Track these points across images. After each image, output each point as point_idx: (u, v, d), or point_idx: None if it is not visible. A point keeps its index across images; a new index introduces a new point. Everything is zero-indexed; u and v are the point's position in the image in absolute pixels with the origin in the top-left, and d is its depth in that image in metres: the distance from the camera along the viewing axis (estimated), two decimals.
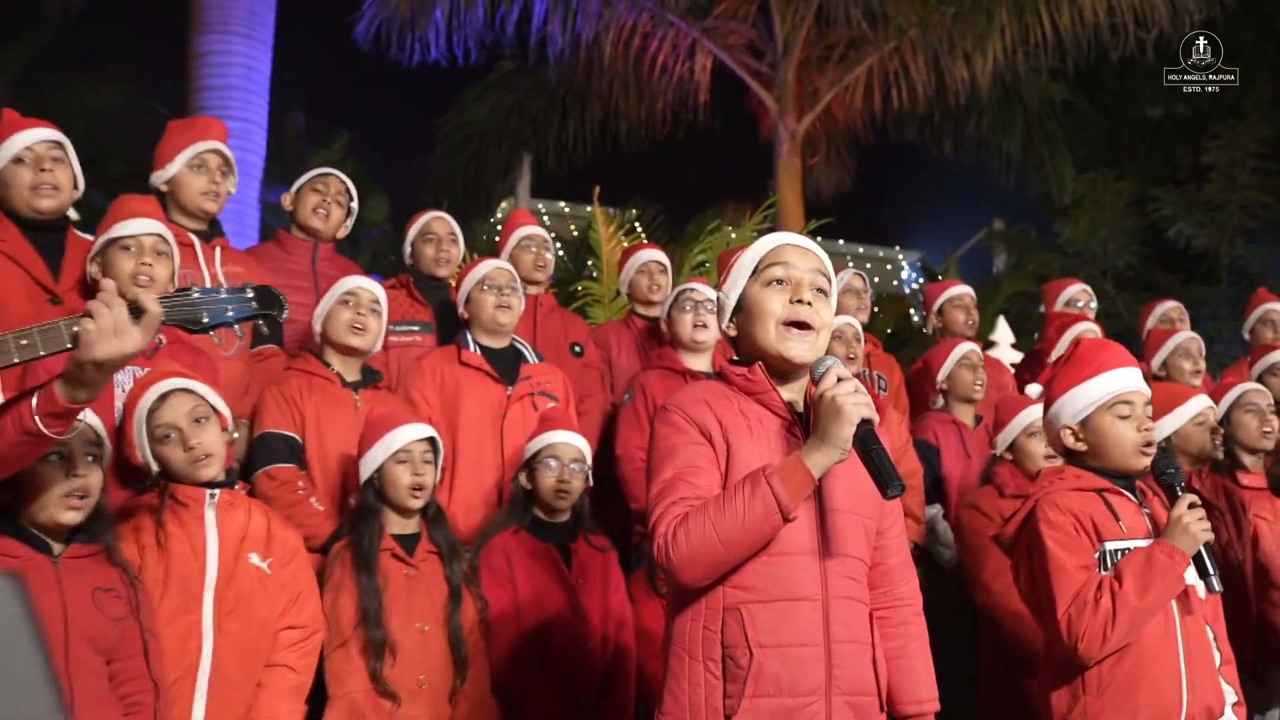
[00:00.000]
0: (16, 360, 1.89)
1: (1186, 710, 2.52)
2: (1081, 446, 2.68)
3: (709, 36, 9.99)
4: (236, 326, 2.11)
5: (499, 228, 11.99)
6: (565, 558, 3.37)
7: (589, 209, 16.49)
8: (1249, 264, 11.64)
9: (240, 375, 3.45)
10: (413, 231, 4.33)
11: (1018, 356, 7.22)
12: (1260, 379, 4.62)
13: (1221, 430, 3.79)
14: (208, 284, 3.43)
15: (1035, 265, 12.21)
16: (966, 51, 9.75)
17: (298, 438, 3.38)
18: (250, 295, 2.11)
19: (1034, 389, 2.98)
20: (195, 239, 3.51)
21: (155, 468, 2.76)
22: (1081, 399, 2.65)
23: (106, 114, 10.71)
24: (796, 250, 2.14)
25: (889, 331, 10.99)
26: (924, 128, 11.26)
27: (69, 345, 1.91)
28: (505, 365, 3.81)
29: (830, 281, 2.16)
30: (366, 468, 3.10)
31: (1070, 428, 2.69)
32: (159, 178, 3.63)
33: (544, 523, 3.40)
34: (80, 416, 2.32)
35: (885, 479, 1.92)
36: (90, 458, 2.45)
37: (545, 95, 11.07)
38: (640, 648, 3.39)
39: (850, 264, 19.21)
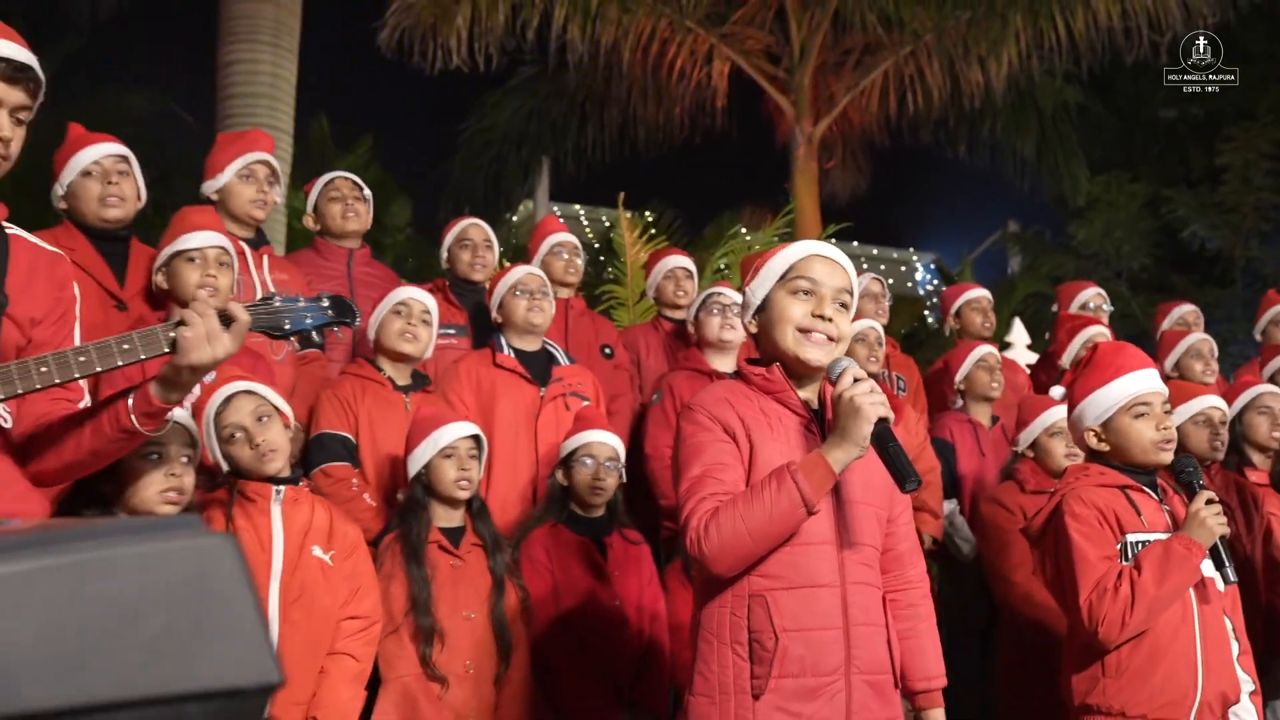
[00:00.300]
0: (119, 363, 2.04)
1: (1201, 695, 2.65)
2: (1104, 447, 2.82)
3: (726, 42, 10.12)
4: (315, 333, 2.26)
5: (516, 231, 12.18)
6: (601, 551, 3.51)
7: (604, 213, 16.61)
8: (1263, 265, 11.73)
9: (289, 379, 3.60)
10: (449, 237, 4.48)
11: (1033, 357, 7.32)
12: (1272, 379, 4.73)
13: (1223, 429, 3.91)
14: (257, 290, 3.59)
15: (1050, 267, 12.32)
16: (981, 56, 9.85)
17: (352, 438, 3.54)
18: (326, 304, 2.26)
19: (1057, 391, 3.11)
20: (245, 246, 3.66)
21: (225, 466, 2.92)
22: (1102, 403, 2.79)
23: (134, 119, 10.88)
24: (825, 264, 2.26)
25: (904, 333, 11.11)
26: (939, 131, 11.38)
27: (166, 350, 2.06)
28: (538, 367, 3.96)
29: (852, 295, 2.28)
30: (414, 464, 3.25)
31: (1093, 430, 2.83)
32: (210, 187, 3.80)
33: (580, 517, 3.55)
34: (179, 420, 2.47)
35: (903, 474, 2.04)
36: (185, 459, 2.61)
37: (565, 100, 11.23)
38: (673, 636, 3.53)
39: (865, 266, 19.31)
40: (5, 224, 2.22)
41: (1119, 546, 2.69)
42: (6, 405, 2.15)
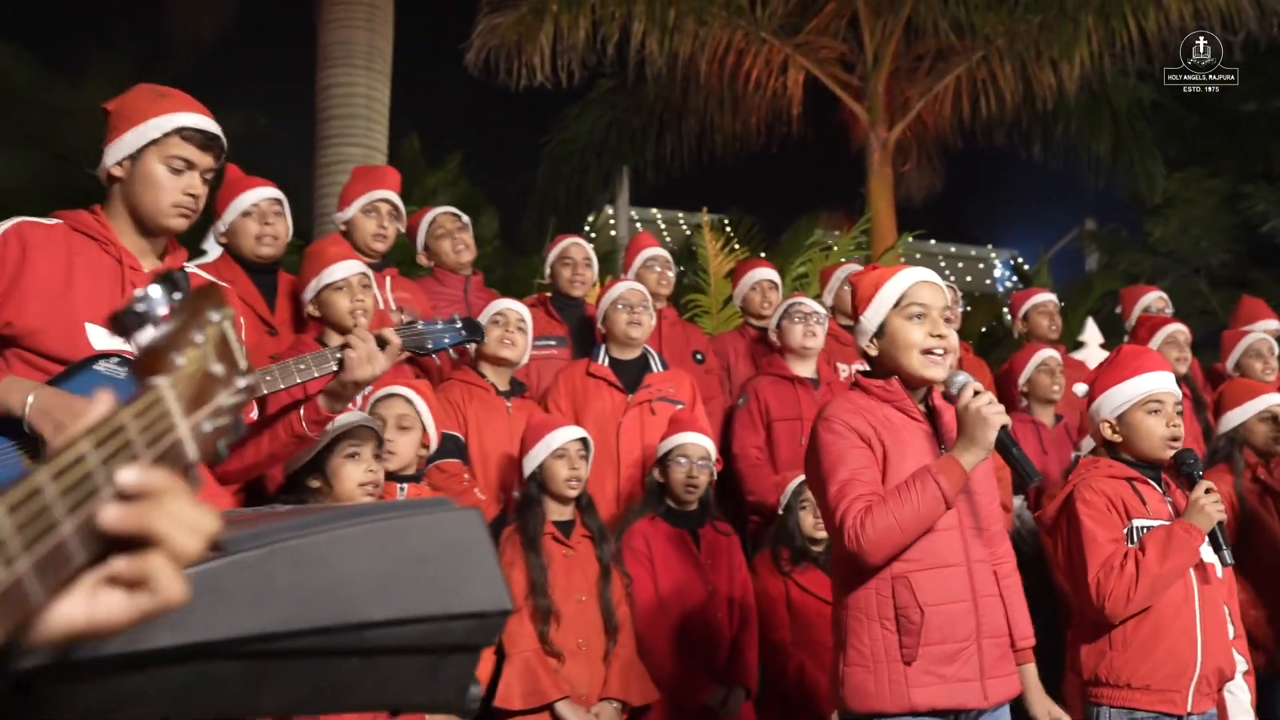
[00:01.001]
0: (298, 380, 2.44)
1: (1200, 669, 2.89)
2: (1117, 438, 3.07)
3: (801, 52, 10.41)
4: (451, 350, 2.65)
5: (594, 235, 12.53)
6: (695, 540, 3.86)
7: (681, 216, 16.87)
8: None
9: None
10: (552, 255, 4.84)
11: (1105, 356, 7.47)
12: None
13: None
14: (386, 308, 3.99)
15: (1127, 264, 12.38)
16: (1053, 58, 10.00)
17: (461, 436, 3.92)
18: (459, 325, 2.65)
19: (1080, 387, 3.36)
20: (370, 269, 4.06)
21: None
22: (1119, 397, 3.03)
23: (231, 139, 11.44)
24: (930, 288, 2.63)
25: (983, 331, 11.25)
26: (1013, 132, 11.51)
27: (334, 368, 2.45)
28: (631, 374, 4.31)
29: (951, 309, 2.63)
30: (529, 464, 3.62)
31: (1109, 421, 3.06)
32: (339, 217, 4.22)
33: (675, 511, 3.89)
34: (370, 424, 2.92)
35: (1026, 473, 2.45)
36: (378, 457, 3.04)
37: (643, 111, 11.57)
38: (761, 618, 3.88)
39: (943, 264, 19.25)
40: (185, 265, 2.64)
41: (1125, 531, 2.94)
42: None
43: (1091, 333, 7.12)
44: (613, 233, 13.80)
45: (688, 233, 15.66)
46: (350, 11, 9.39)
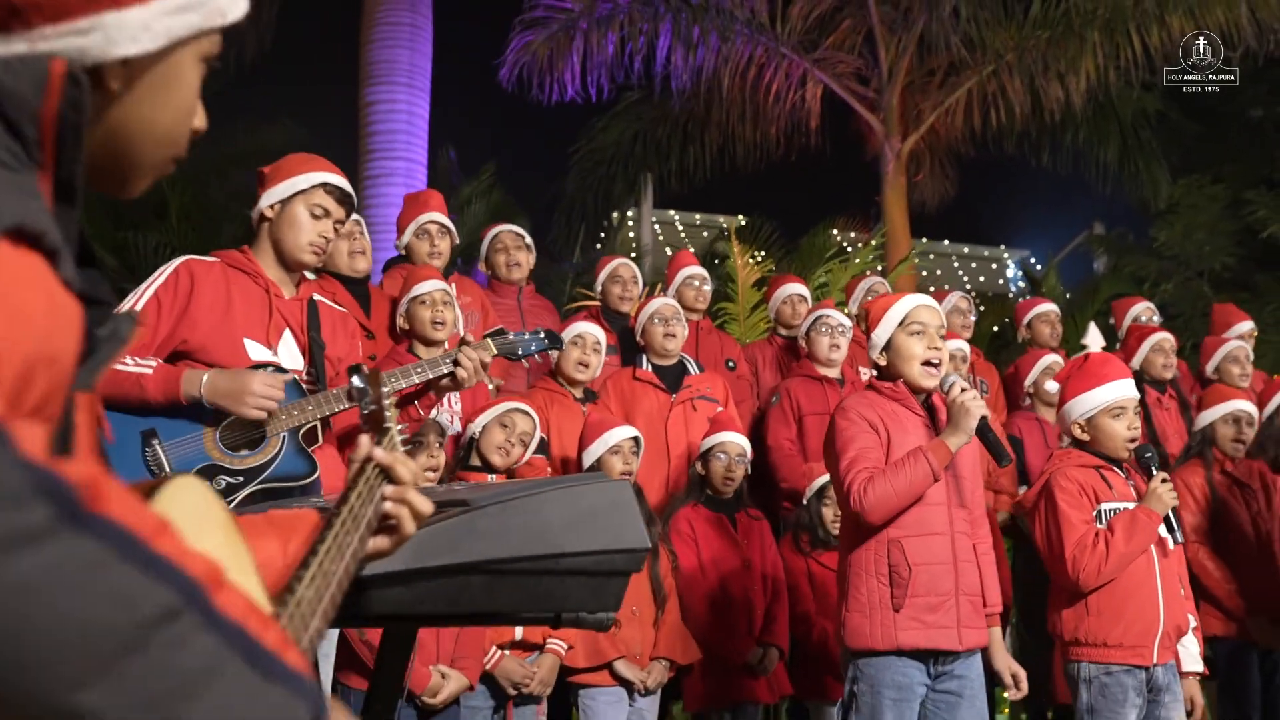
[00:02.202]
0: (416, 380, 3.01)
1: (1163, 626, 3.44)
2: (1085, 437, 3.60)
3: (819, 66, 10.89)
4: (536, 355, 3.23)
5: (611, 236, 12.98)
6: (732, 524, 4.40)
7: (699, 218, 17.28)
8: None
9: None
10: (603, 274, 5.41)
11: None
12: None
13: (1249, 428, 4.63)
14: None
15: (1133, 268, 12.79)
16: (1060, 72, 10.42)
17: (545, 436, 4.46)
18: (543, 335, 3.21)
19: (1052, 385, 3.87)
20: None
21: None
22: (1088, 402, 3.56)
23: (274, 153, 11.95)
24: (928, 309, 3.25)
25: (995, 330, 11.69)
26: (1022, 142, 11.87)
27: (446, 373, 3.04)
28: (672, 377, 4.88)
29: (944, 324, 3.25)
30: (589, 458, 4.15)
31: (1078, 423, 3.59)
32: (399, 243, 4.78)
33: (715, 499, 4.44)
34: (434, 418, 3.47)
35: (999, 454, 3.10)
36: (439, 445, 3.60)
37: (668, 123, 12.00)
38: (788, 592, 4.44)
39: (956, 265, 19.53)
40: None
41: (1095, 512, 3.49)
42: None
43: (1094, 336, 7.58)
44: (631, 234, 14.34)
45: (705, 234, 16.18)
46: (394, 32, 9.94)
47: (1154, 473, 3.52)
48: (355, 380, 1.46)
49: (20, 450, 0.70)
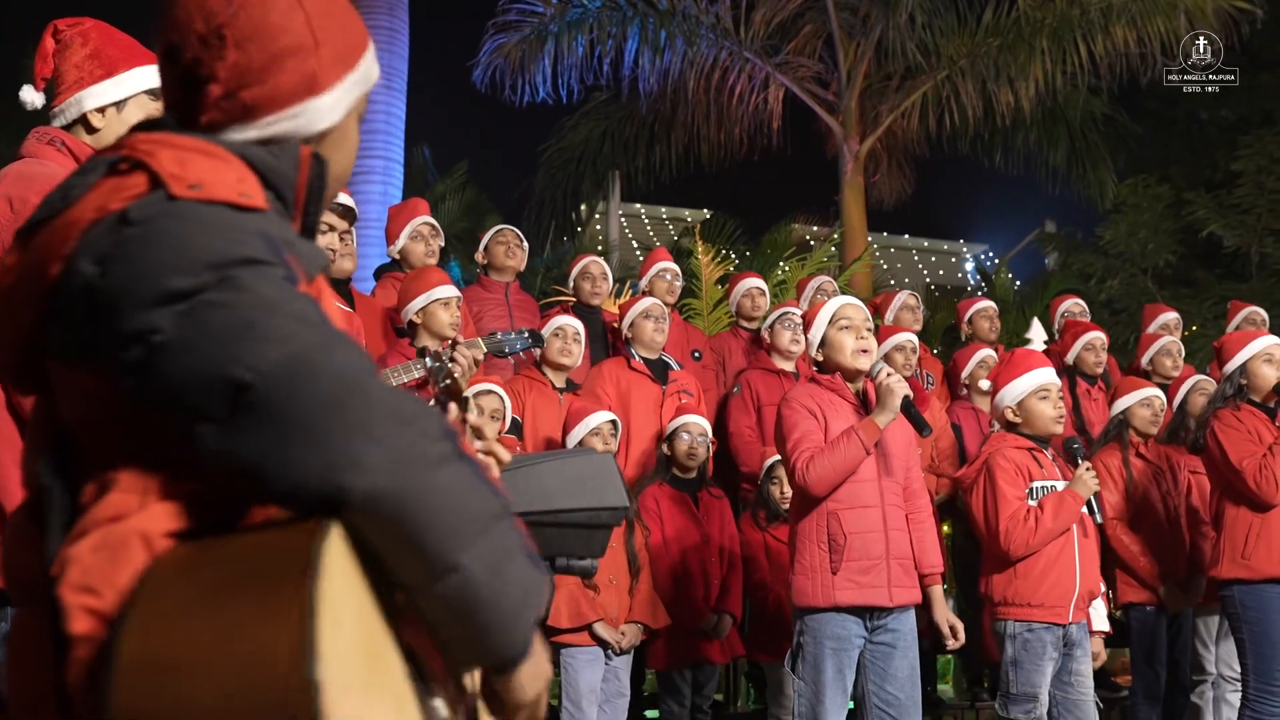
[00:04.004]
0: (416, 375, 3.40)
1: (1078, 590, 3.99)
2: (1017, 420, 4.11)
3: (781, 70, 11.32)
4: (521, 352, 3.64)
5: (579, 231, 13.36)
6: (695, 502, 4.86)
7: (664, 212, 17.64)
8: (1276, 261, 12.69)
9: None
10: (575, 271, 5.83)
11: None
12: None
13: (1161, 412, 5.15)
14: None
15: (1081, 265, 13.30)
16: (1011, 77, 10.88)
17: (519, 418, 4.86)
18: (527, 335, 3.63)
19: (984, 384, 4.37)
20: None
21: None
22: (1017, 389, 4.08)
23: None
24: (854, 307, 3.74)
25: (950, 324, 12.14)
26: (975, 144, 12.29)
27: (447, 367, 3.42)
28: (658, 371, 5.33)
29: (870, 320, 3.72)
30: (571, 441, 4.55)
31: (1010, 407, 4.11)
32: (392, 250, 5.17)
33: (679, 479, 4.88)
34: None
35: (919, 425, 3.59)
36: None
37: (635, 123, 12.31)
38: (744, 562, 4.93)
39: (916, 259, 19.92)
40: None
41: (1028, 489, 4.00)
42: None
43: (1036, 330, 8.07)
44: (599, 229, 14.75)
45: (669, 227, 16.56)
46: (372, 34, 10.23)
47: (1079, 461, 4.08)
48: (429, 361, 1.88)
49: None
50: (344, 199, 3.36)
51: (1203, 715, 5.12)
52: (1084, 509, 3.98)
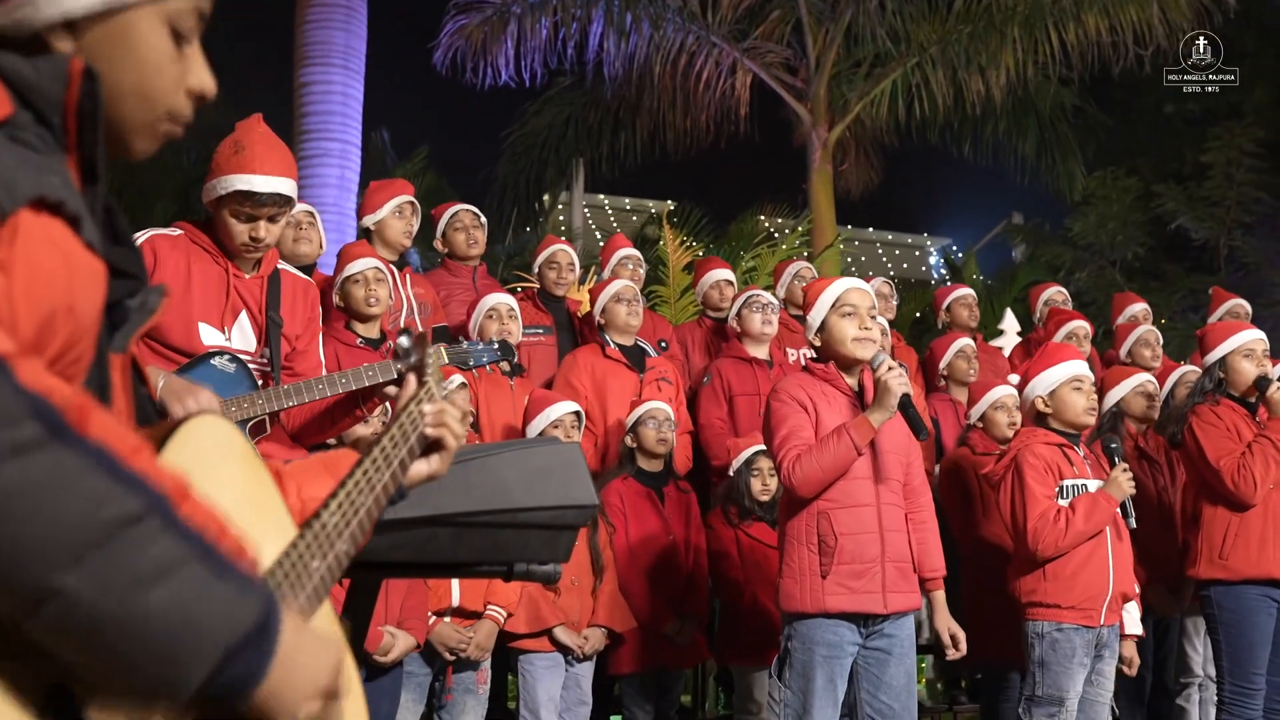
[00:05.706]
0: (365, 383, 3.01)
1: (1111, 592, 3.81)
2: (1048, 410, 3.93)
3: (749, 56, 11.09)
4: (488, 366, 3.34)
5: (542, 220, 13.11)
6: (660, 497, 4.61)
7: (629, 203, 17.41)
8: (1245, 254, 12.68)
9: None
10: (540, 258, 5.55)
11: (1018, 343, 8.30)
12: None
13: (1157, 399, 4.97)
14: (405, 302, 4.66)
15: (1049, 257, 13.23)
16: (981, 65, 10.73)
17: (473, 410, 4.60)
18: (496, 346, 3.33)
19: (1013, 378, 4.24)
20: (393, 267, 4.73)
21: None
22: (1050, 378, 3.91)
23: (212, 135, 11.89)
24: (860, 293, 3.44)
25: (918, 316, 12.02)
26: (945, 133, 12.18)
27: (395, 378, 3.05)
28: (634, 358, 5.08)
29: (875, 307, 3.45)
30: (531, 432, 4.30)
31: (1042, 397, 3.93)
32: (370, 220, 4.86)
33: (645, 472, 4.63)
34: None
35: (917, 428, 3.30)
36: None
37: (600, 108, 12.12)
38: (715, 561, 4.68)
39: (880, 252, 19.91)
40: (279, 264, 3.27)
41: (1058, 488, 3.80)
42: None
43: (1010, 322, 7.92)
44: (562, 218, 14.48)
45: (635, 219, 16.34)
46: (329, 14, 9.92)
47: (1115, 462, 3.90)
48: (403, 340, 1.61)
49: (18, 379, 0.84)
50: (276, 186, 2.96)
51: (1188, 718, 4.94)
52: (1118, 511, 3.84)
